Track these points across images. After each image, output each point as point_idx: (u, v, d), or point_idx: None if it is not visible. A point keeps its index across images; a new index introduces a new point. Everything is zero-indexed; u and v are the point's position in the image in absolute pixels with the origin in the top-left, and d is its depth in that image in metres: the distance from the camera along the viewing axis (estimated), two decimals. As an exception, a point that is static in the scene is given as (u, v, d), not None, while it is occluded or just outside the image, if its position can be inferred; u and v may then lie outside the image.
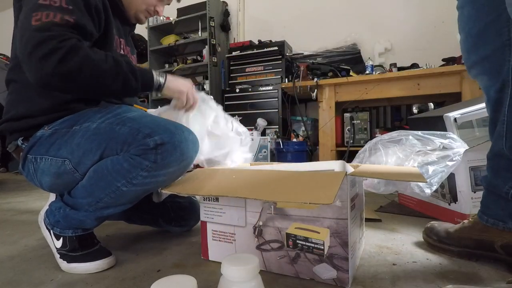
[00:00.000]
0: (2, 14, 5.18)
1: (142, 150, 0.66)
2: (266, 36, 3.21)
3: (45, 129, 0.75)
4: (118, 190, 0.70)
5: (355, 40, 2.91)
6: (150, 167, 0.67)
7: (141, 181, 0.69)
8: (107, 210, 0.75)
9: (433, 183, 0.98)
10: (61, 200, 0.78)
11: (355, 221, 0.69)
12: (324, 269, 0.65)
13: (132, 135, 0.68)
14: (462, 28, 0.72)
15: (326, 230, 0.64)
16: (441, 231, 0.82)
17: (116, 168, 0.68)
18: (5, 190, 2.16)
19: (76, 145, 0.72)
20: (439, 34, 2.64)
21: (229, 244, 0.75)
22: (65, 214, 0.75)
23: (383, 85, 2.29)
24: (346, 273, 0.63)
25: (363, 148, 1.21)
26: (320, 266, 0.65)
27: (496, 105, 0.69)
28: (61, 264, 0.75)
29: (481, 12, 0.66)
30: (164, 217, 0.99)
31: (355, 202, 0.69)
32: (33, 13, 0.63)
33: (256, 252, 0.72)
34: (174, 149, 0.67)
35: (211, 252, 0.78)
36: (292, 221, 0.68)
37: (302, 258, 0.67)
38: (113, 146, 0.69)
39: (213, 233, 0.78)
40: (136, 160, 0.67)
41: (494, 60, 0.66)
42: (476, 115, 1.27)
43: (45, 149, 0.74)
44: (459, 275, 0.69)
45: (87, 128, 0.72)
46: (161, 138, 0.66)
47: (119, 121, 0.71)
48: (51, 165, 0.74)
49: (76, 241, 0.76)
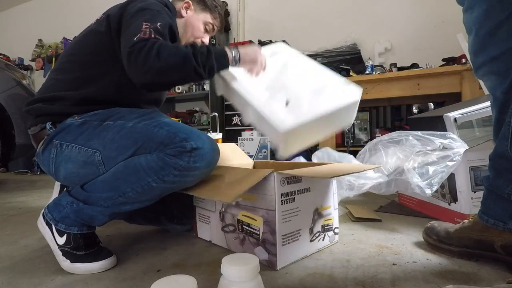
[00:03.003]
0: (2, 14, 5.19)
1: (179, 151, 0.73)
2: (266, 36, 3.21)
3: (75, 118, 0.82)
4: (147, 185, 0.74)
5: (355, 40, 2.91)
6: (182, 167, 0.73)
7: (172, 179, 0.74)
8: (124, 206, 0.77)
9: (433, 183, 0.98)
10: (69, 195, 0.79)
11: (298, 213, 0.78)
12: (260, 252, 0.76)
13: (169, 137, 0.74)
14: (469, 29, 0.72)
15: (260, 218, 0.76)
16: (441, 231, 0.82)
17: (151, 165, 0.73)
18: (5, 190, 2.16)
19: (109, 140, 0.77)
20: (439, 34, 2.64)
21: (207, 225, 0.93)
22: (78, 208, 0.76)
23: (383, 85, 2.29)
24: (274, 256, 0.73)
25: (363, 148, 1.21)
26: (258, 248, 0.77)
27: (502, 106, 0.68)
28: (63, 263, 0.75)
29: (490, 13, 0.65)
30: (167, 215, 1.00)
31: (295, 196, 0.77)
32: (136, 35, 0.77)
33: (221, 232, 0.87)
34: (206, 155, 0.75)
35: (198, 230, 0.97)
36: (241, 209, 0.81)
37: (247, 241, 0.80)
38: (148, 145, 0.75)
39: (199, 216, 0.96)
40: (171, 160, 0.73)
41: (503, 61, 0.65)
42: (476, 115, 1.27)
43: (73, 137, 0.80)
44: (459, 275, 0.69)
45: (122, 126, 0.79)
46: (196, 143, 0.73)
47: (156, 124, 0.77)
48: (79, 154, 0.79)
49: (80, 239, 0.76)
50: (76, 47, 0.91)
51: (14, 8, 5.11)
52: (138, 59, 0.75)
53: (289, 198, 0.76)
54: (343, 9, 3.02)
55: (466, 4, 0.71)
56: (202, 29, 1.05)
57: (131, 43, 0.76)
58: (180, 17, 1.02)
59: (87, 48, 0.89)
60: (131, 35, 0.78)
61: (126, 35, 0.80)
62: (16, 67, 2.39)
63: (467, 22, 0.72)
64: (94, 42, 0.88)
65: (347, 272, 0.71)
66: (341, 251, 0.84)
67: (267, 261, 0.75)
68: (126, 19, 0.85)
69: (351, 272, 0.71)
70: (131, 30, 0.80)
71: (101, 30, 0.88)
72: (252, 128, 2.75)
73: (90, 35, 0.90)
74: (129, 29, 0.81)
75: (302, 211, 0.79)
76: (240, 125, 3.09)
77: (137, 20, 0.81)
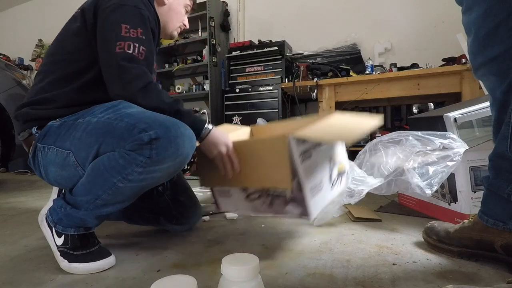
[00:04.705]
0: (2, 14, 5.19)
1: (137, 145, 0.67)
2: (266, 36, 3.21)
3: (56, 121, 0.80)
4: (115, 187, 0.71)
5: (355, 40, 2.90)
6: (145, 163, 0.67)
7: (137, 177, 0.69)
8: (105, 208, 0.75)
9: (433, 183, 0.98)
10: (63, 198, 0.79)
11: (317, 165, 0.81)
12: (292, 208, 0.78)
13: (128, 130, 0.68)
14: (468, 30, 0.72)
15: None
16: (441, 231, 0.82)
17: (112, 164, 0.69)
18: (5, 190, 2.16)
19: (77, 139, 0.74)
20: (439, 34, 2.63)
21: (228, 199, 0.92)
22: (67, 213, 0.76)
23: (383, 85, 2.29)
24: (307, 210, 0.76)
25: (363, 149, 1.21)
26: (289, 206, 0.78)
27: (502, 106, 0.68)
28: (62, 263, 0.75)
29: (489, 14, 0.65)
30: (166, 215, 1.00)
31: (311, 151, 0.79)
32: (117, 42, 0.77)
33: (246, 202, 0.87)
34: (169, 144, 0.67)
35: (221, 205, 0.96)
36: None
37: (276, 203, 0.81)
38: (109, 142, 0.71)
39: (218, 192, 0.94)
40: (131, 156, 0.67)
41: (503, 61, 0.65)
42: (476, 115, 1.26)
43: (52, 139, 0.78)
44: (459, 275, 0.69)
45: (88, 122, 0.75)
46: (156, 133, 0.66)
47: (117, 116, 0.72)
48: (57, 156, 0.77)
49: (77, 239, 0.76)
50: (55, 47, 0.88)
51: (14, 8, 5.10)
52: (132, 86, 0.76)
53: (308, 155, 0.77)
54: (343, 9, 3.02)
55: (465, 5, 0.71)
56: (184, 12, 1.04)
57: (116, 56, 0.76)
58: (162, 5, 0.98)
59: (64, 47, 0.86)
60: (112, 41, 0.77)
61: (106, 39, 0.78)
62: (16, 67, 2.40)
63: (466, 23, 0.72)
64: (71, 39, 0.85)
65: (347, 272, 0.71)
66: (341, 251, 0.84)
67: (300, 214, 0.77)
68: (101, 14, 0.81)
69: (351, 272, 0.71)
70: (110, 34, 0.78)
71: (77, 26, 0.84)
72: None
73: (66, 32, 0.87)
74: (107, 31, 0.79)
75: (320, 163, 0.82)
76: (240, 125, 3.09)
77: (116, 20, 0.79)
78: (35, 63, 4.57)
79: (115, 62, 0.76)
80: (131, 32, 0.79)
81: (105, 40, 0.79)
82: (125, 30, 0.78)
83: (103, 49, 0.80)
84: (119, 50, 0.76)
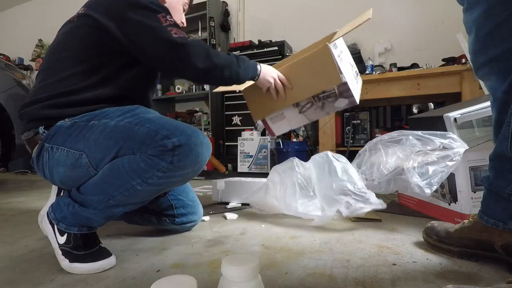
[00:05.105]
0: (2, 14, 5.19)
1: (160, 151, 0.69)
2: (266, 36, 3.21)
3: (65, 121, 0.79)
4: (133, 189, 0.72)
5: (355, 40, 2.91)
6: (166, 168, 0.70)
7: (156, 181, 0.71)
8: (117, 209, 0.76)
9: (433, 183, 0.98)
10: (69, 196, 0.79)
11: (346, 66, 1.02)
12: (341, 102, 0.99)
13: (150, 136, 0.71)
14: (469, 30, 0.71)
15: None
16: (441, 231, 0.82)
17: (133, 167, 0.71)
18: (5, 190, 2.16)
19: (93, 141, 0.75)
20: (439, 34, 2.64)
21: (281, 121, 1.10)
22: (74, 211, 0.76)
23: (383, 85, 2.29)
24: (352, 97, 0.99)
25: (363, 148, 1.21)
26: (338, 101, 0.99)
27: (502, 106, 0.68)
28: (63, 262, 0.75)
29: (490, 13, 0.65)
30: (166, 215, 1.00)
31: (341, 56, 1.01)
32: (168, 28, 0.81)
33: (300, 115, 1.07)
34: (190, 152, 0.70)
35: (275, 131, 1.13)
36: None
37: (326, 103, 1.02)
38: (130, 145, 0.72)
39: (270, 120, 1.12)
40: (153, 161, 0.70)
41: (504, 61, 0.65)
42: (476, 115, 1.26)
43: (62, 140, 0.77)
44: (459, 275, 0.69)
45: (105, 125, 0.75)
46: (178, 140, 0.69)
47: (137, 121, 0.74)
48: (67, 157, 0.77)
49: (80, 239, 0.76)
50: (63, 45, 0.87)
51: (14, 8, 5.11)
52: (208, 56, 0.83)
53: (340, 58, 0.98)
54: (343, 9, 3.02)
55: (466, 4, 0.71)
56: (182, 10, 1.07)
57: (175, 40, 0.79)
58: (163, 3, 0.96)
59: (75, 45, 0.84)
60: (158, 28, 0.80)
61: (151, 27, 0.80)
62: (16, 67, 2.40)
63: (467, 22, 0.72)
64: (84, 37, 0.84)
65: (347, 272, 0.71)
66: (341, 251, 0.84)
67: (348, 103, 0.99)
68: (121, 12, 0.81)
69: (351, 272, 0.71)
70: (153, 23, 0.80)
71: (88, 24, 0.83)
72: (252, 128, 2.75)
73: (76, 30, 0.85)
74: (147, 21, 0.80)
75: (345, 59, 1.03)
76: (240, 125, 3.09)
77: (149, 11, 0.81)
78: (35, 63, 4.58)
79: (174, 44, 0.80)
80: (168, 18, 0.83)
81: (150, 29, 0.80)
82: (163, 19, 0.82)
83: (151, 40, 0.80)
84: (174, 34, 0.80)
